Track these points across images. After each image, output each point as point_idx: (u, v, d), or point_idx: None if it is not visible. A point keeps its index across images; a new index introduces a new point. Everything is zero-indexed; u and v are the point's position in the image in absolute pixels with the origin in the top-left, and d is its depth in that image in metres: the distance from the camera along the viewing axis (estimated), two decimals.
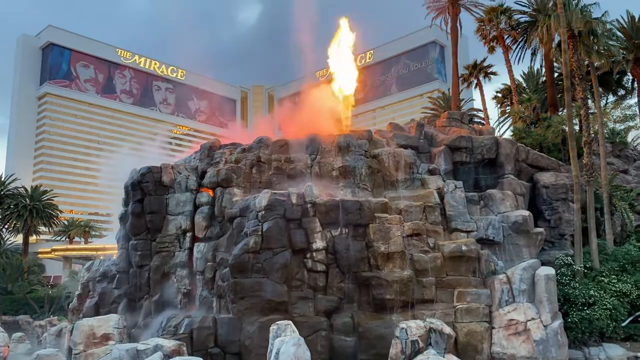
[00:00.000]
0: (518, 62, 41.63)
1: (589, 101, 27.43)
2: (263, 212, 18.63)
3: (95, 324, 19.60)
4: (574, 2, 28.13)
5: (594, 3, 27.28)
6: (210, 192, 21.74)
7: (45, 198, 61.02)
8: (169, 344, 14.95)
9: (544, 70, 39.84)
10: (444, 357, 15.48)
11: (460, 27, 42.41)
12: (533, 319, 18.07)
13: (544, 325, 18.02)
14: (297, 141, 22.62)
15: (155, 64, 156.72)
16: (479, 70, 44.14)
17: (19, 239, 63.00)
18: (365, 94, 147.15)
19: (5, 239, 63.63)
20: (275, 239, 18.34)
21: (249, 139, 24.27)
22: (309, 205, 19.08)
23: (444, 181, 21.54)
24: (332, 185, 20.99)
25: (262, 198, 18.96)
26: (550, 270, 19.19)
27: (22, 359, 22.51)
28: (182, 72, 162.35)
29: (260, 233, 18.40)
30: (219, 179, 21.51)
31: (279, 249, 18.28)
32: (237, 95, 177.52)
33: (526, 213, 21.26)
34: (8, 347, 24.64)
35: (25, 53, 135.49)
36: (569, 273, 20.91)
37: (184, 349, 15.04)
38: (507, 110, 42.25)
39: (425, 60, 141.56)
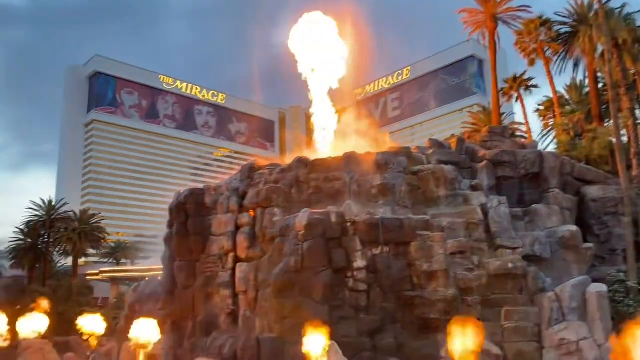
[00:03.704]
0: (560, 73, 40.80)
1: (637, 111, 26.56)
2: (303, 232, 18.66)
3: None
4: (616, 11, 27.48)
5: (638, 11, 26.58)
6: (252, 213, 21.97)
7: (93, 221, 62.97)
8: None
9: (587, 81, 38.87)
10: None
11: (499, 41, 41.90)
12: (585, 338, 17.34)
13: (597, 345, 17.27)
14: (335, 160, 22.67)
15: (197, 88, 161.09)
16: (519, 84, 43.40)
17: (69, 261, 65.07)
18: (402, 110, 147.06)
19: (55, 261, 65.85)
20: (315, 258, 18.31)
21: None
22: (348, 224, 19.02)
23: (487, 197, 21.11)
24: (372, 203, 20.86)
25: (302, 218, 19.01)
26: (602, 287, 18.44)
27: None
28: (222, 95, 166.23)
29: (300, 253, 18.41)
30: (259, 200, 21.74)
31: (319, 269, 18.23)
32: (276, 117, 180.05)
33: (574, 228, 20.60)
34: None
35: (73, 82, 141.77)
36: (622, 290, 20.02)
37: None
38: (550, 123, 41.30)
39: (464, 75, 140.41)
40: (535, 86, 43.93)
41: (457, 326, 12.52)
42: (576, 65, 39.43)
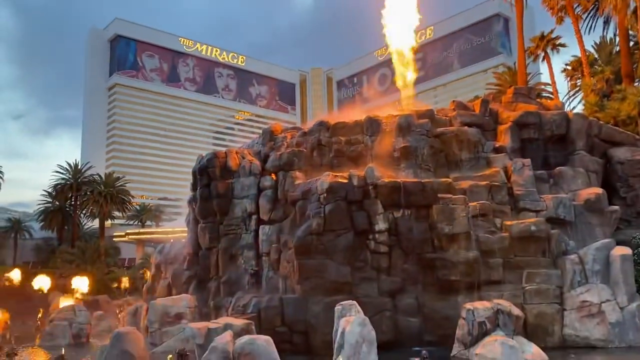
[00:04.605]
0: (589, 32, 39.61)
1: None
2: (325, 195, 18.76)
3: (168, 303, 20.58)
4: None
5: None
6: (273, 176, 22.10)
7: (118, 184, 64.11)
8: (238, 323, 15.45)
9: (617, 39, 37.58)
10: (512, 339, 15.15)
11: None
12: (608, 300, 17.31)
13: (619, 308, 17.24)
14: (356, 123, 22.53)
15: (217, 51, 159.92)
16: (546, 43, 42.23)
17: (95, 223, 66.68)
18: (425, 71, 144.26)
19: (83, 223, 67.55)
20: (337, 221, 18.47)
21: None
22: (370, 187, 19.04)
23: (511, 159, 20.86)
24: (394, 166, 20.80)
25: (324, 181, 19.08)
26: (627, 250, 18.25)
27: (103, 335, 23.95)
28: (242, 58, 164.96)
29: (322, 215, 18.56)
30: (281, 163, 21.84)
31: (341, 231, 18.41)
32: (296, 79, 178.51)
33: (599, 191, 20.30)
34: (90, 324, 26.32)
35: (95, 46, 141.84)
36: None
37: (253, 327, 15.50)
38: (578, 84, 40.29)
39: (489, 34, 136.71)
40: (563, 45, 42.71)
41: None
42: (606, 23, 38.25)
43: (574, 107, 40.46)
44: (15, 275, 40.72)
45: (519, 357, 14.42)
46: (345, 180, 19.08)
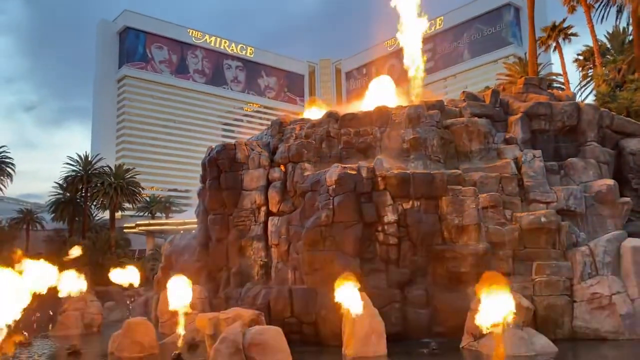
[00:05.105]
0: (601, 21, 39.10)
1: None
2: (334, 187, 18.76)
3: None
4: None
5: None
6: (282, 168, 22.14)
7: (128, 176, 64.35)
8: (248, 313, 15.53)
9: (630, 28, 37.08)
10: (522, 330, 15.13)
11: None
12: (619, 292, 17.20)
13: (630, 300, 17.13)
14: (365, 114, 22.47)
15: (225, 42, 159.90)
16: (558, 32, 41.80)
17: (106, 214, 67.10)
18: (436, 62, 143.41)
19: (94, 215, 68.02)
20: (346, 212, 18.46)
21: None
22: (379, 179, 19.00)
23: (522, 151, 20.72)
24: (403, 157, 20.72)
25: (333, 172, 19.08)
26: (638, 242, 18.13)
27: (115, 326, 24.18)
28: (251, 49, 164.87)
29: (331, 207, 18.57)
30: (289, 155, 21.86)
31: (350, 222, 18.40)
32: (305, 70, 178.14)
33: (611, 182, 20.12)
34: (101, 315, 26.58)
35: (104, 38, 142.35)
36: None
37: (262, 318, 15.56)
38: (590, 74, 39.86)
39: (500, 24, 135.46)
40: (574, 35, 42.24)
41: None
42: (619, 12, 37.72)
43: (585, 98, 40.14)
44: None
45: (528, 349, 14.43)
46: (354, 172, 19.05)
